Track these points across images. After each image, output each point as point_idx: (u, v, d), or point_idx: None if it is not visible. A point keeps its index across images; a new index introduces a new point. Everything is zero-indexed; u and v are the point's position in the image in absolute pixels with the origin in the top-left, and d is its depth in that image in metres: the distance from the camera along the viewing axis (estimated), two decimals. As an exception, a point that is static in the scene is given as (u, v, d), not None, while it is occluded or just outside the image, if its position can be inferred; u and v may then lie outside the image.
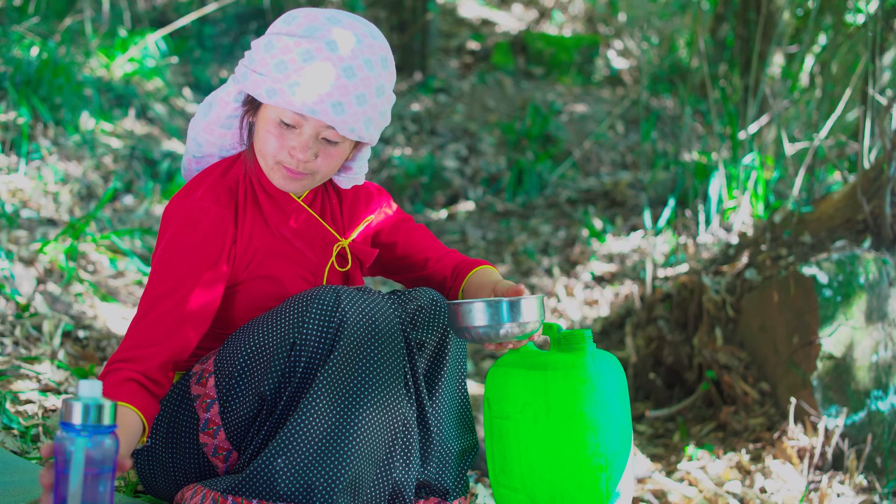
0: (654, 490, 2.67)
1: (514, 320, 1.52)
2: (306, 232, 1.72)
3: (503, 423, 1.70)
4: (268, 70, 1.55)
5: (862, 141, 3.27)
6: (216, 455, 1.63)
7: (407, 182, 5.78)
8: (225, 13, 7.02)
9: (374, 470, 1.57)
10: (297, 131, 1.58)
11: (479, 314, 1.51)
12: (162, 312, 1.56)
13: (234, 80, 1.63)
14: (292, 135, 1.58)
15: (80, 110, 4.30)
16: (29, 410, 2.16)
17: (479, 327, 1.52)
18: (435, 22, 7.50)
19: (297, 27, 1.56)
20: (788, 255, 3.17)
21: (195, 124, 1.73)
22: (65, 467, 1.21)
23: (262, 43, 1.58)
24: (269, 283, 1.68)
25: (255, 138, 1.64)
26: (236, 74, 1.63)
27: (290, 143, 1.58)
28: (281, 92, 1.54)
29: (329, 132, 1.58)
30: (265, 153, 1.62)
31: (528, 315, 1.53)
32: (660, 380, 3.54)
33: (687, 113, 5.14)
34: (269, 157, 1.61)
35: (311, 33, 1.54)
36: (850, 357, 2.82)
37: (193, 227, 1.60)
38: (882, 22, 3.42)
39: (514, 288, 1.61)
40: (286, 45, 1.54)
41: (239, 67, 1.62)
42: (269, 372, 1.55)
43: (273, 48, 1.56)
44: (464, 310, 1.53)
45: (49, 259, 3.02)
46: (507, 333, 1.53)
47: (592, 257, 4.76)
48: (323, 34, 1.54)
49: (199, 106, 1.73)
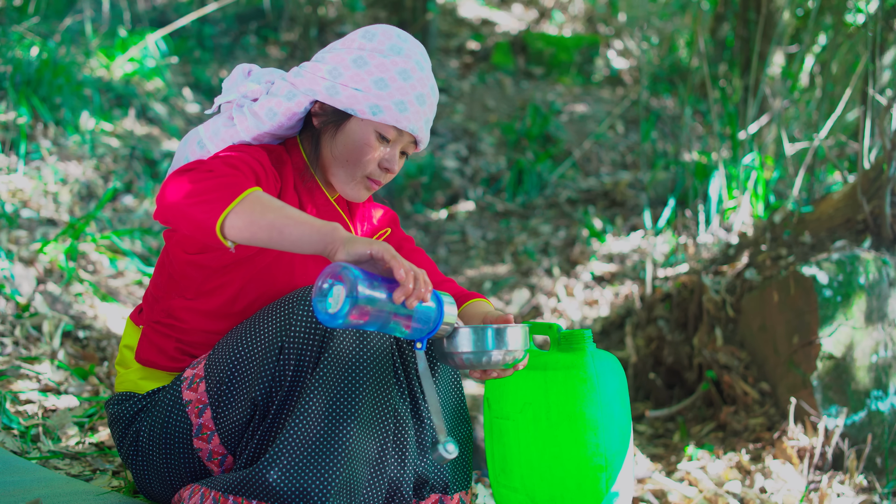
0: (654, 490, 2.67)
1: (498, 348, 1.52)
2: None
3: (503, 423, 1.70)
4: (367, 86, 1.60)
5: (862, 141, 3.28)
6: (211, 460, 1.62)
7: (407, 182, 5.78)
8: (225, 13, 7.02)
9: (367, 469, 1.57)
10: (391, 145, 1.65)
11: (464, 340, 1.51)
12: (235, 157, 1.54)
13: (308, 92, 1.64)
14: (384, 149, 1.65)
15: (80, 110, 4.30)
16: (29, 410, 2.16)
17: (463, 353, 1.51)
18: (435, 22, 7.50)
19: (379, 44, 1.62)
20: (788, 255, 3.17)
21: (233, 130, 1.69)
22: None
23: (350, 58, 1.62)
24: (281, 267, 1.66)
25: (332, 147, 1.66)
26: (311, 87, 1.63)
27: (384, 156, 1.65)
28: (387, 109, 1.61)
29: (411, 146, 1.68)
30: (356, 165, 1.65)
31: (513, 343, 1.52)
32: (660, 380, 3.54)
33: (687, 113, 5.14)
34: (360, 170, 1.66)
35: (398, 51, 1.62)
36: (850, 357, 2.82)
37: (240, 150, 1.61)
38: (882, 22, 3.42)
39: (503, 317, 1.63)
40: (381, 62, 1.61)
41: (313, 80, 1.63)
42: (259, 377, 1.55)
43: (367, 64, 1.61)
44: (450, 335, 1.53)
45: (49, 259, 3.02)
46: (492, 361, 1.53)
47: (592, 257, 4.76)
48: (408, 53, 1.63)
49: (237, 114, 1.69)
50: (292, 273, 1.68)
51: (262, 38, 7.15)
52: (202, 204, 1.40)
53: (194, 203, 1.41)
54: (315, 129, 1.69)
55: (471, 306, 1.79)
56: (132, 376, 1.73)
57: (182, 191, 1.43)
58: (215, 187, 1.41)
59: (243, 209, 1.39)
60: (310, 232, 1.37)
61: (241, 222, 1.38)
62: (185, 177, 1.45)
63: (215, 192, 1.41)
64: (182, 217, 1.42)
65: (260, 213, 1.38)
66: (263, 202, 1.40)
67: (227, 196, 1.40)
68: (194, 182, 1.43)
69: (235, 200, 1.39)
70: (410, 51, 1.64)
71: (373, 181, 1.67)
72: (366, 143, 1.63)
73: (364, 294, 1.28)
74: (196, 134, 1.74)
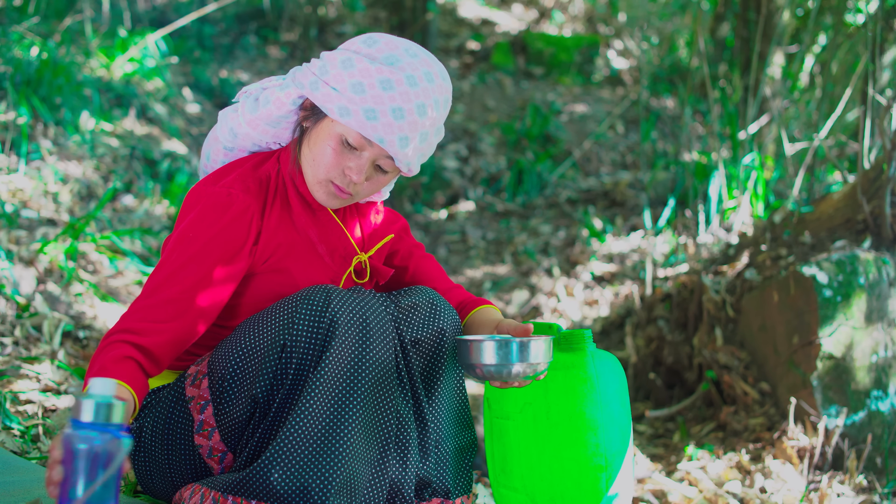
0: (654, 490, 2.67)
1: (522, 360, 1.52)
2: (330, 239, 1.73)
3: (503, 423, 1.70)
4: (344, 88, 1.57)
5: (862, 141, 3.28)
6: (211, 456, 1.63)
7: (407, 182, 5.78)
8: (225, 13, 7.02)
9: (368, 469, 1.57)
10: (357, 153, 1.61)
11: (489, 352, 1.51)
12: (176, 292, 1.55)
13: (298, 85, 1.63)
14: (352, 155, 1.61)
15: (80, 110, 4.30)
16: (29, 410, 2.16)
17: (488, 365, 1.52)
18: (435, 22, 7.50)
19: (377, 51, 1.59)
20: (788, 255, 3.17)
21: (236, 116, 1.73)
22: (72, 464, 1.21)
23: (340, 58, 1.60)
24: (283, 279, 1.68)
25: (307, 146, 1.65)
26: (301, 80, 1.63)
27: (348, 163, 1.61)
28: (355, 114, 1.57)
29: (386, 161, 1.62)
30: (318, 166, 1.63)
31: (536, 356, 1.53)
32: (660, 380, 3.54)
33: (687, 113, 5.14)
34: (322, 172, 1.63)
35: (392, 62, 1.58)
36: (850, 357, 2.82)
37: (220, 211, 1.60)
38: (882, 22, 3.42)
39: (523, 327, 1.62)
40: (366, 67, 1.57)
41: (305, 74, 1.63)
42: (260, 374, 1.55)
43: (352, 67, 1.58)
44: (475, 347, 1.53)
45: (49, 259, 3.02)
46: (516, 373, 1.53)
47: (592, 257, 4.76)
48: (403, 66, 1.58)
49: (244, 100, 1.72)
50: (295, 276, 1.69)
51: (262, 38, 7.15)
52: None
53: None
54: (303, 127, 1.69)
55: (482, 312, 1.78)
56: (135, 374, 1.73)
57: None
58: (88, 370, 1.48)
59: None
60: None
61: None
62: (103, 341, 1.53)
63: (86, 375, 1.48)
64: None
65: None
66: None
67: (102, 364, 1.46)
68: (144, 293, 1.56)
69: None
70: (409, 66, 1.58)
71: (337, 188, 1.64)
72: (329, 144, 1.61)
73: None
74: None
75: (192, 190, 1.66)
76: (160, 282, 1.56)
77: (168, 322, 1.53)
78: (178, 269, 1.57)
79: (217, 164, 1.80)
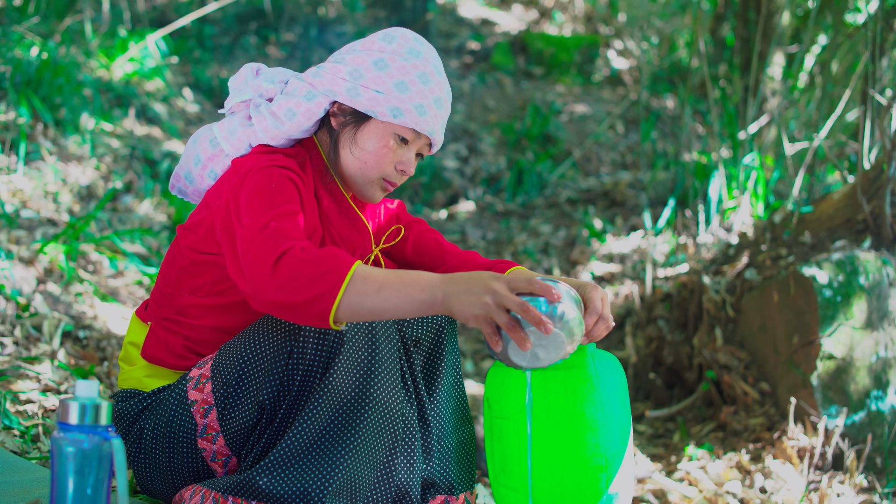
0: (654, 490, 2.67)
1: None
2: (353, 237, 1.74)
3: (503, 423, 1.70)
4: (388, 89, 1.61)
5: (862, 141, 3.28)
6: (215, 460, 1.62)
7: (407, 182, 5.78)
8: (225, 13, 7.02)
9: (373, 473, 1.57)
10: (407, 147, 1.66)
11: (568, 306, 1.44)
12: (281, 213, 1.50)
13: (327, 93, 1.64)
14: (402, 150, 1.66)
15: (80, 110, 4.30)
16: (29, 410, 2.16)
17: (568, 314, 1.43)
18: (435, 22, 7.50)
19: (399, 47, 1.64)
20: (788, 255, 3.17)
21: (253, 132, 1.68)
22: (61, 467, 1.21)
23: (371, 61, 1.63)
24: None
25: (351, 149, 1.67)
26: (331, 87, 1.63)
27: (401, 158, 1.66)
28: (407, 112, 1.62)
29: (426, 148, 1.69)
30: (371, 167, 1.66)
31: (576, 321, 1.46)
32: (660, 380, 3.54)
33: (687, 113, 5.14)
34: (375, 172, 1.66)
35: (417, 54, 1.64)
36: (850, 357, 2.82)
37: (281, 171, 1.58)
38: (882, 22, 3.42)
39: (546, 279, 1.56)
40: (402, 65, 1.62)
41: (333, 81, 1.63)
42: (267, 380, 1.54)
43: (388, 67, 1.62)
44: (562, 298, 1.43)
45: (49, 259, 3.02)
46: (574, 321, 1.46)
47: (592, 257, 4.76)
48: (426, 56, 1.65)
49: (255, 113, 1.68)
50: None
51: (262, 38, 7.15)
52: (307, 306, 1.38)
53: (299, 304, 1.39)
54: (333, 130, 1.69)
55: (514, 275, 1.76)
56: (137, 373, 1.72)
57: (278, 284, 1.40)
58: (314, 279, 1.38)
59: (349, 299, 1.38)
60: (417, 292, 1.38)
61: (347, 312, 1.39)
62: (279, 265, 1.41)
63: (317, 287, 1.38)
64: (288, 314, 1.41)
65: (365, 297, 1.38)
66: (366, 281, 1.38)
67: (330, 288, 1.37)
68: (290, 278, 1.39)
69: (339, 292, 1.37)
70: (428, 54, 1.66)
71: (388, 182, 1.69)
72: (385, 144, 1.64)
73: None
74: (209, 131, 1.74)
75: (238, 160, 1.63)
76: (260, 214, 1.48)
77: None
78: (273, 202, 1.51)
79: (203, 183, 1.77)
